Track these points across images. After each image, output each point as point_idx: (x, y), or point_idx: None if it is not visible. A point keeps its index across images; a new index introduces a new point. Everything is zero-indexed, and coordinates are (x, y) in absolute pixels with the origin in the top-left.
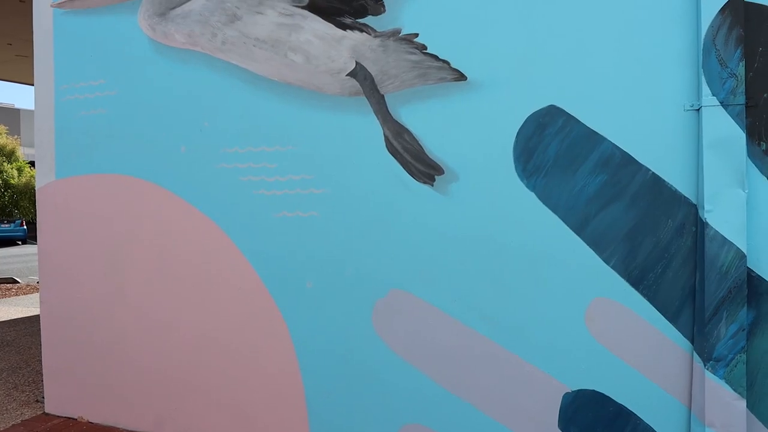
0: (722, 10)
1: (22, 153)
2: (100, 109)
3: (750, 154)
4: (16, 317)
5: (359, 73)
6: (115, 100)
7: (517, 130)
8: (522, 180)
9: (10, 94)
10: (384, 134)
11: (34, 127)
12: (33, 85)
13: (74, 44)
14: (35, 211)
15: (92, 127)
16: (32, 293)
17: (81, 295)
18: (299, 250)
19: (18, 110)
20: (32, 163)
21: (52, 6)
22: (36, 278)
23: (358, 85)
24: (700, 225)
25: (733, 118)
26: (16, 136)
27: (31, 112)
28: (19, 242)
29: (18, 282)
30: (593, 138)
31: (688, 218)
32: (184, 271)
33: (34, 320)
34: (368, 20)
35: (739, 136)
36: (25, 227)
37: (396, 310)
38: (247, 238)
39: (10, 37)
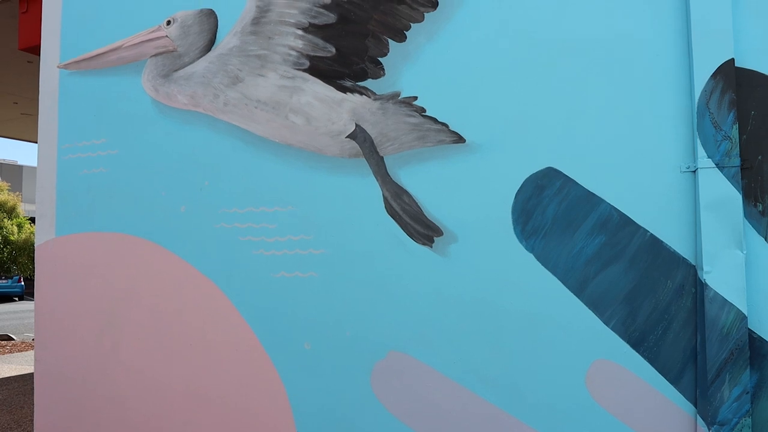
0: (714, 74)
1: (23, 209)
2: (102, 167)
3: (747, 215)
4: (9, 375)
5: (359, 135)
6: (116, 159)
7: (515, 192)
8: (521, 241)
9: (14, 151)
10: (383, 195)
11: (36, 184)
12: (36, 142)
13: (78, 104)
14: (33, 267)
15: (93, 186)
16: (27, 351)
17: (77, 354)
18: (298, 311)
19: (21, 167)
20: (32, 220)
21: (58, 67)
22: (31, 335)
23: (358, 147)
24: (700, 286)
25: (728, 180)
26: (17, 193)
27: (33, 168)
28: (16, 298)
29: (13, 339)
30: (591, 199)
31: (688, 279)
32: (182, 330)
33: (28, 379)
34: (368, 83)
35: (736, 197)
36: (22, 283)
37: (395, 372)
38: (245, 298)
39: (17, 96)
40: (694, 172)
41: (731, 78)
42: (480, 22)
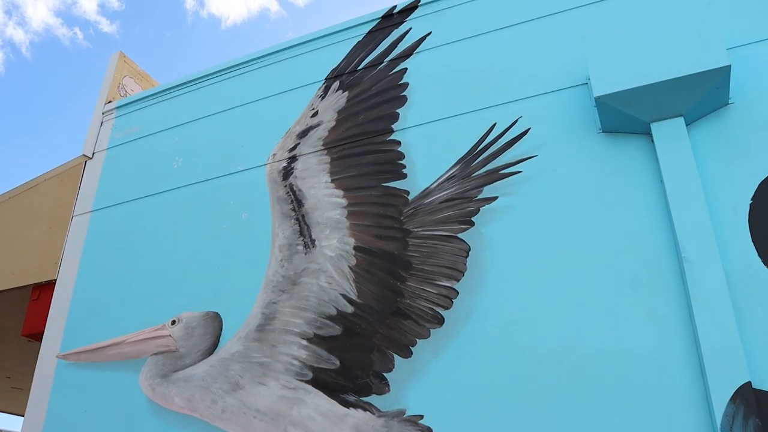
0: (733, 398)
1: None
2: None
3: None
4: None
5: None
6: None
7: None
8: None
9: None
10: None
11: None
12: (23, 416)
13: (70, 398)
14: None
15: None
16: None
17: None
18: None
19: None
20: None
21: (57, 357)
22: None
23: None
24: None
25: None
26: None
27: None
28: None
29: None
30: None
31: None
32: None
33: None
34: (372, 399)
35: None
36: None
37: None
38: None
39: (10, 370)
40: None
41: (752, 402)
42: (487, 340)
